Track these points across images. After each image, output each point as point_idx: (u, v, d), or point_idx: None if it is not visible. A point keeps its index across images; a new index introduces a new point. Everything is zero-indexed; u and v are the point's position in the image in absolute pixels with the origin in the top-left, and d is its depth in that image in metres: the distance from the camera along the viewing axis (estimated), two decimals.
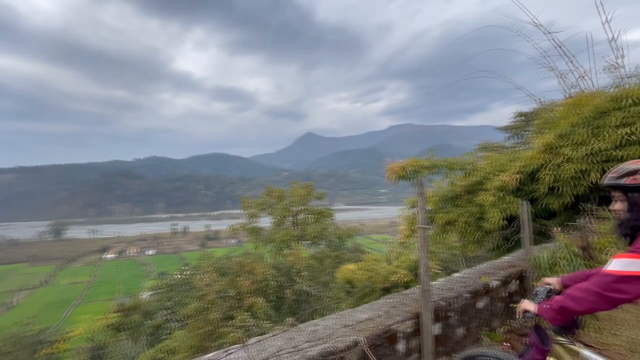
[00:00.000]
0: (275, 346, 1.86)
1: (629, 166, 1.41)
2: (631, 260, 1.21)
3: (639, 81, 7.46)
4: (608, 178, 1.47)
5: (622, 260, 1.24)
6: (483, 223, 8.08)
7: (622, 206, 1.43)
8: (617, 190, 1.45)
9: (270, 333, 2.04)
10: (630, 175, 1.38)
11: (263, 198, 16.72)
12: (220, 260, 12.08)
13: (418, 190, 2.34)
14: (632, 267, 1.20)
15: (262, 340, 1.94)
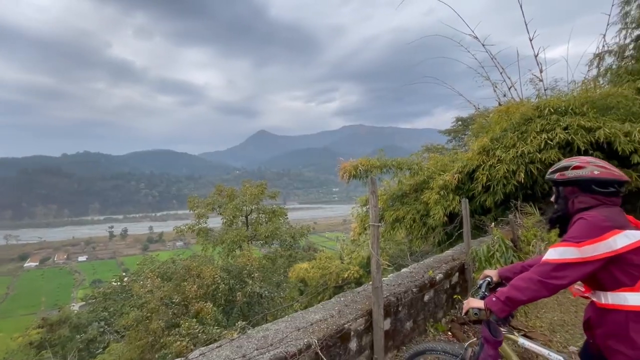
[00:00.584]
0: (222, 357, 1.72)
1: (562, 163, 1.55)
2: (565, 249, 1.31)
3: (555, 93, 8.54)
4: (549, 174, 1.60)
5: (558, 249, 1.33)
6: (428, 220, 8.60)
7: (554, 198, 1.59)
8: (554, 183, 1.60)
9: (216, 343, 1.89)
10: (560, 171, 1.52)
11: (212, 197, 15.96)
12: (165, 264, 11.25)
13: (370, 188, 2.37)
14: (567, 255, 1.30)
15: (206, 353, 1.79)
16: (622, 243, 1.25)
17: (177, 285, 8.65)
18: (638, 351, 1.23)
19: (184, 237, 35.26)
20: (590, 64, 9.83)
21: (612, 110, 6.81)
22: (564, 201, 1.49)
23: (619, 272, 1.29)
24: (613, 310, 1.31)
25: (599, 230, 1.28)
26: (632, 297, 1.27)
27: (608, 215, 1.32)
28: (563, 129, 6.52)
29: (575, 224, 1.37)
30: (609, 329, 1.33)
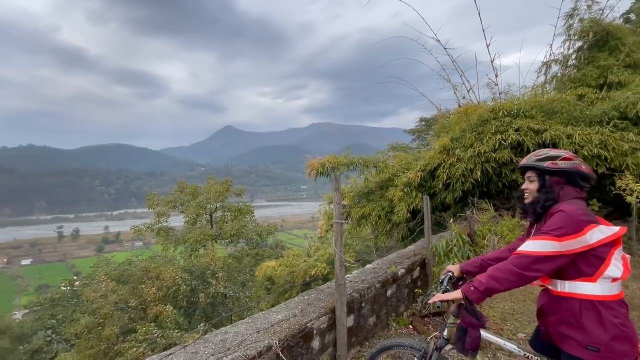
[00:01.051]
0: None
1: (550, 152, 1.53)
2: (546, 242, 1.34)
3: (509, 97, 9.14)
4: (529, 160, 1.55)
5: (538, 243, 1.36)
6: (393, 216, 8.84)
7: (535, 187, 1.52)
8: (533, 172, 1.54)
9: (168, 350, 1.78)
10: (551, 160, 1.49)
11: (174, 195, 15.23)
12: (122, 266, 10.57)
13: (334, 185, 2.35)
14: (548, 249, 1.33)
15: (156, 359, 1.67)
16: (597, 238, 1.31)
17: (134, 289, 8.17)
18: (588, 337, 1.31)
19: (143, 237, 33.45)
20: (539, 71, 10.64)
21: (557, 114, 7.40)
22: (552, 191, 1.48)
23: (583, 263, 1.35)
24: (569, 298, 1.39)
25: (578, 225, 1.32)
26: (588, 286, 1.34)
27: (584, 210, 1.38)
28: (515, 130, 6.99)
29: (554, 217, 1.38)
30: (562, 316, 1.40)
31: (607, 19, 9.75)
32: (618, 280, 1.34)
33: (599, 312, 1.31)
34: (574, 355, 1.35)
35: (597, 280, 1.34)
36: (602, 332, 1.29)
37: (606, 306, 1.32)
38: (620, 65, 8.61)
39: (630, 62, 8.77)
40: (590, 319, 1.32)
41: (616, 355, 1.28)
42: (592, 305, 1.33)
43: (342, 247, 2.36)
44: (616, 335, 1.28)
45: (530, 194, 1.54)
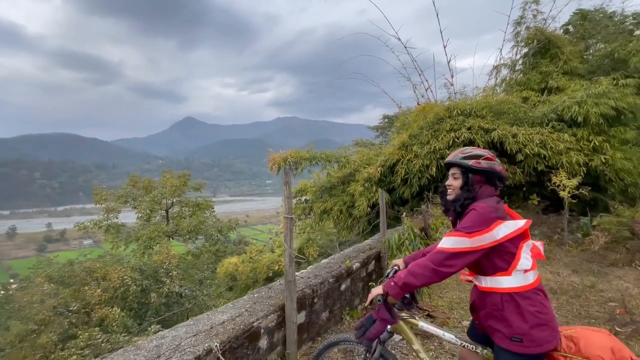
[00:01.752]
0: None
1: (475, 150, 1.57)
2: (458, 239, 1.39)
3: (463, 97, 9.62)
4: (455, 156, 1.57)
5: (451, 239, 1.40)
6: (353, 210, 8.97)
7: (458, 184, 1.55)
8: (458, 168, 1.56)
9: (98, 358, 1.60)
10: (475, 159, 1.52)
11: (125, 189, 14.20)
12: (65, 267, 9.66)
13: (284, 179, 2.27)
14: (459, 245, 1.38)
15: None
16: (503, 233, 1.37)
17: (75, 291, 7.50)
18: (511, 329, 1.38)
19: (93, 235, 31.03)
20: (490, 74, 11.33)
21: (504, 115, 7.92)
22: (472, 189, 1.52)
23: (497, 258, 1.42)
24: (491, 292, 1.45)
25: (487, 222, 1.37)
26: (505, 280, 1.41)
27: (494, 207, 1.43)
28: (467, 129, 7.37)
29: (468, 215, 1.44)
30: (489, 310, 1.46)
31: (549, 28, 10.61)
32: (529, 270, 1.42)
33: (517, 303, 1.38)
34: (501, 346, 1.41)
35: (512, 273, 1.40)
36: (522, 322, 1.36)
37: (522, 296, 1.39)
38: (559, 72, 9.42)
39: (567, 69, 9.62)
40: (511, 310, 1.39)
41: (537, 342, 1.34)
42: (510, 298, 1.40)
43: (291, 242, 2.29)
44: (535, 323, 1.35)
45: (454, 191, 1.56)
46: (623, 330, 2.90)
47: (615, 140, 7.11)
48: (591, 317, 3.36)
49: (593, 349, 1.29)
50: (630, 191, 7.11)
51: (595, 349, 1.28)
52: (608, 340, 1.32)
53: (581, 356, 1.30)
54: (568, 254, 5.42)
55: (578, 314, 3.42)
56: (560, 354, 1.36)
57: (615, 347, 1.28)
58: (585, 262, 4.98)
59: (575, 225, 6.57)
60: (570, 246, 5.74)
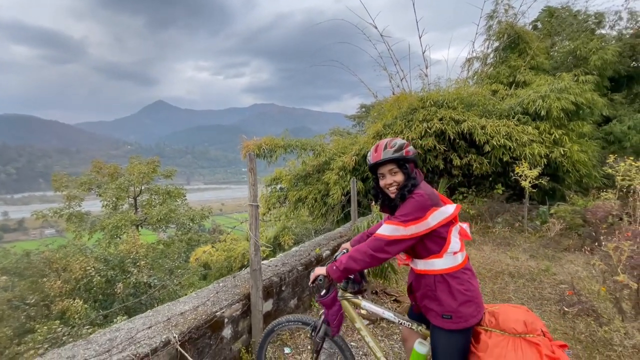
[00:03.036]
0: None
1: (396, 141, 1.55)
2: (395, 227, 1.44)
3: (436, 89, 9.79)
4: (386, 153, 1.52)
5: (389, 227, 1.45)
6: (328, 199, 9.01)
7: (401, 178, 1.54)
8: (393, 164, 1.53)
9: (41, 357, 1.49)
10: (404, 149, 1.52)
11: (88, 176, 13.41)
12: (21, 258, 9.05)
13: (249, 165, 2.20)
14: (396, 233, 1.43)
15: None
16: (436, 220, 1.43)
17: (33, 283, 7.06)
18: (442, 307, 1.47)
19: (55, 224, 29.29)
20: (463, 66, 11.59)
21: (474, 106, 8.15)
22: (414, 176, 1.54)
23: (430, 242, 1.49)
24: (425, 275, 1.53)
25: (422, 210, 1.42)
26: (437, 262, 1.49)
27: (430, 194, 1.47)
28: (439, 119, 7.53)
29: (405, 203, 1.47)
30: (424, 292, 1.54)
31: (519, 23, 10.95)
32: (458, 252, 1.51)
33: (448, 283, 1.47)
34: (435, 324, 1.51)
35: (442, 256, 1.49)
36: (452, 300, 1.45)
37: (452, 276, 1.48)
38: (526, 67, 9.79)
39: (534, 64, 10.02)
40: (442, 290, 1.48)
41: (464, 317, 1.44)
42: (442, 278, 1.48)
43: (257, 231, 2.24)
44: (462, 300, 1.44)
45: (397, 186, 1.55)
46: (570, 310, 3.13)
47: (574, 134, 7.54)
48: (544, 298, 3.59)
49: (509, 322, 1.41)
50: (585, 181, 7.62)
51: (510, 322, 1.40)
52: (523, 315, 1.44)
53: (499, 329, 1.42)
54: (527, 240, 5.74)
55: (532, 296, 3.65)
56: (482, 327, 1.47)
57: (528, 320, 1.40)
58: (542, 248, 5.31)
59: (534, 214, 6.97)
60: (529, 233, 6.08)
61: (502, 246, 5.53)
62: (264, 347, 1.95)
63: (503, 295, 3.68)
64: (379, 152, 1.54)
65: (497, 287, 3.92)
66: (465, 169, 7.71)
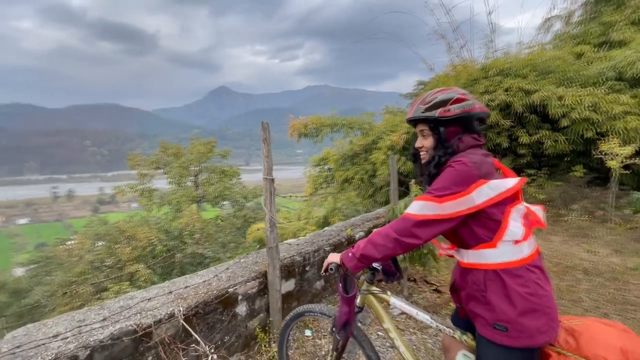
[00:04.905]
0: (51, 333, 1.40)
1: (439, 94, 1.19)
2: (425, 204, 1.09)
3: (504, 56, 8.53)
4: (416, 109, 1.22)
5: (419, 203, 1.11)
6: (374, 179, 8.65)
7: (430, 143, 1.21)
8: (424, 124, 1.21)
9: (53, 318, 1.56)
10: (441, 106, 1.16)
11: (157, 156, 14.80)
12: (106, 226, 10.47)
13: (262, 135, 2.03)
14: (426, 211, 1.08)
15: (32, 331, 1.46)
16: (485, 196, 1.06)
17: (109, 248, 8.08)
18: (494, 314, 1.08)
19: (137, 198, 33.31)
20: (540, 28, 9.90)
21: (551, 74, 6.91)
22: (450, 145, 1.18)
23: (478, 226, 1.12)
24: (474, 269, 1.16)
25: (464, 182, 1.06)
26: (490, 253, 1.10)
27: (478, 162, 1.09)
28: (504, 90, 6.55)
29: (442, 174, 1.12)
30: (470, 291, 1.17)
31: None
32: (521, 241, 1.10)
33: (503, 282, 1.08)
34: (483, 335, 1.12)
35: (497, 245, 1.10)
36: (508, 306, 1.06)
37: (510, 274, 1.08)
38: (625, 22, 7.96)
39: (635, 19, 8.10)
40: (495, 291, 1.09)
41: (527, 332, 1.04)
42: (495, 275, 1.10)
43: (272, 206, 2.10)
44: (525, 308, 1.04)
45: (427, 152, 1.23)
46: None
47: None
48: (628, 302, 2.93)
49: (596, 347, 0.99)
50: None
51: (599, 348, 0.98)
52: (619, 337, 1.00)
53: (580, 355, 1.00)
54: (611, 232, 4.79)
55: (612, 299, 3.00)
56: (554, 349, 1.06)
57: (628, 347, 0.96)
58: (632, 242, 4.38)
59: (624, 201, 5.79)
60: (615, 223, 5.07)
61: (576, 237, 4.70)
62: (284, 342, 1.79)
63: (571, 295, 3.09)
64: (413, 107, 1.24)
65: (564, 284, 3.31)
66: (535, 147, 6.68)
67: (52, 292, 7.27)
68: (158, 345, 1.57)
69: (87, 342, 1.37)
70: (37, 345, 1.31)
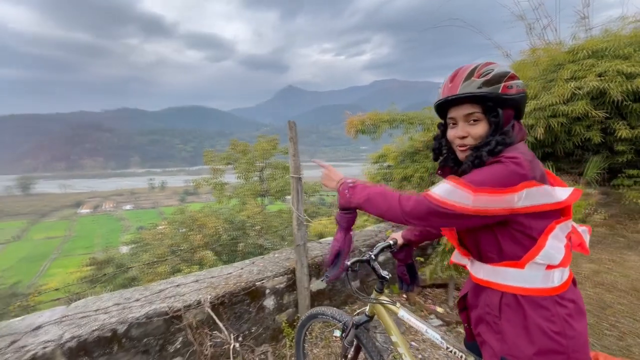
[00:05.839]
0: (97, 307, 1.65)
1: (493, 67, 0.93)
2: (456, 190, 0.86)
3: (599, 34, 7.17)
4: (468, 83, 0.92)
5: (448, 186, 0.88)
6: (435, 178, 8.11)
7: (481, 131, 0.94)
8: (476, 105, 0.94)
9: (107, 294, 1.83)
10: (502, 81, 0.91)
11: (228, 152, 16.14)
12: (183, 215, 11.86)
13: (289, 134, 2.05)
14: (455, 197, 0.86)
15: (88, 303, 1.73)
16: (530, 200, 0.83)
17: (184, 234, 9.11)
18: (505, 346, 0.90)
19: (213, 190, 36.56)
20: None
21: None
22: (509, 133, 0.92)
23: (506, 239, 0.91)
24: (488, 288, 0.98)
25: (513, 180, 0.83)
26: (513, 274, 0.91)
27: (532, 161, 0.87)
28: (597, 75, 5.51)
29: (488, 167, 0.89)
30: (481, 312, 1.00)
31: None
32: (556, 267, 0.89)
33: (524, 311, 0.89)
34: None
35: (524, 266, 0.89)
36: (524, 341, 0.87)
37: (535, 303, 0.88)
38: None
39: None
40: (511, 320, 0.90)
41: None
42: (514, 301, 0.90)
43: (300, 204, 2.12)
44: (546, 348, 0.85)
45: (474, 142, 0.96)
46: None
47: None
48: None
49: None
50: None
51: None
52: None
53: None
54: None
55: None
56: None
57: None
58: None
59: None
60: None
61: None
62: (300, 341, 1.79)
63: None
64: (457, 81, 0.95)
65: None
66: (638, 143, 5.52)
67: (141, 269, 8.51)
68: (187, 329, 1.72)
69: (126, 318, 1.57)
70: (87, 315, 1.55)
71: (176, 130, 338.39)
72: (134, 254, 17.61)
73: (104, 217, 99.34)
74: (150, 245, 8.83)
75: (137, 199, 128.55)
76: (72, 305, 1.69)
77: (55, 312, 1.60)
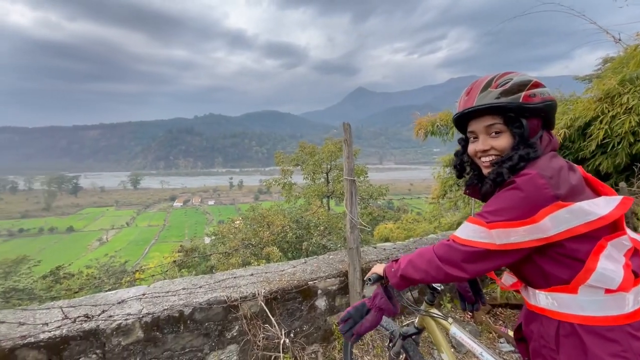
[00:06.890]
0: (168, 289, 1.87)
1: (514, 76, 0.88)
2: (474, 227, 0.83)
3: None
4: (486, 96, 0.87)
5: (469, 226, 0.85)
6: None
7: (505, 143, 0.88)
8: (497, 116, 0.88)
9: (182, 278, 2.06)
10: (524, 89, 0.84)
11: (297, 154, 16.87)
12: (254, 212, 12.81)
13: (344, 137, 2.03)
14: (475, 237, 0.82)
15: (166, 284, 1.97)
16: (562, 224, 0.73)
17: (254, 230, 9.79)
18: None
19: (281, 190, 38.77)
20: None
21: None
22: (534, 145, 0.85)
23: (549, 263, 0.79)
24: (543, 316, 0.83)
25: (528, 205, 0.75)
26: (568, 300, 0.77)
27: (554, 176, 0.76)
28: None
29: (501, 192, 0.83)
30: (536, 345, 0.85)
31: None
32: (617, 291, 0.72)
33: (582, 343, 0.74)
34: None
35: (577, 291, 0.75)
36: None
37: (596, 334, 0.73)
38: None
39: None
40: (571, 354, 0.75)
41: None
42: (572, 331, 0.76)
43: (354, 207, 2.08)
44: None
45: (498, 156, 0.89)
46: None
47: None
48: None
49: None
50: None
51: None
52: None
53: None
54: None
55: None
56: None
57: None
58: None
59: None
60: None
61: None
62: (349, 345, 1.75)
63: None
64: (473, 94, 0.91)
65: None
66: None
67: (218, 258, 9.43)
68: (242, 319, 1.84)
69: (191, 302, 1.75)
70: (161, 296, 1.77)
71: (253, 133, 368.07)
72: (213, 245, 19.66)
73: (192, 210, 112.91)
74: (227, 238, 9.71)
75: (219, 195, 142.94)
76: (151, 285, 1.95)
77: (140, 290, 1.87)
